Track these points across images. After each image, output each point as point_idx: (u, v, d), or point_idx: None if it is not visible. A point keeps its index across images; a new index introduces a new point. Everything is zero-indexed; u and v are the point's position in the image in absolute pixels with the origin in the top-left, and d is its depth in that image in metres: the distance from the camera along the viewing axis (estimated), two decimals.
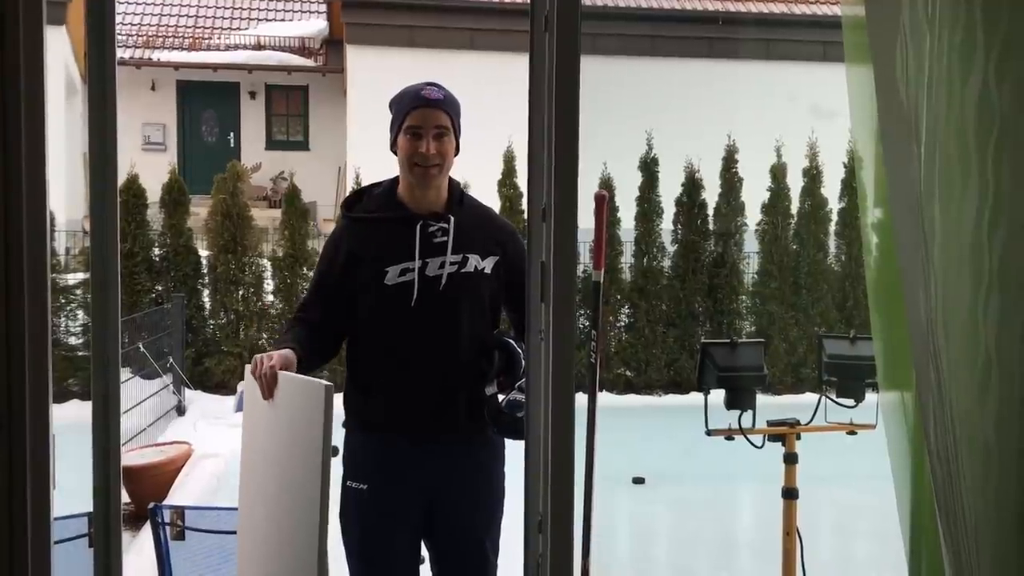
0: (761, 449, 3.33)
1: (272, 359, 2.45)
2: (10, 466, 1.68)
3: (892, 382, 1.96)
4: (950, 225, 1.53)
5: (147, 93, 17.27)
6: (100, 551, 1.94)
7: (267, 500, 2.56)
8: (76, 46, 13.56)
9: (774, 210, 10.46)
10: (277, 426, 2.51)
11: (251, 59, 17.30)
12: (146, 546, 3.86)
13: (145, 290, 9.65)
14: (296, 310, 2.81)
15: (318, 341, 2.62)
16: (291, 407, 2.45)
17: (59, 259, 9.78)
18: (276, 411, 2.49)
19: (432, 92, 2.58)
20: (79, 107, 13.45)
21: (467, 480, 2.64)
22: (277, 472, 2.51)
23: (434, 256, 2.56)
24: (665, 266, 10.40)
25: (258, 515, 2.60)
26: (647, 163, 10.33)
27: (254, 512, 2.62)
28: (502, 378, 2.58)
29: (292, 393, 2.44)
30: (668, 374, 10.17)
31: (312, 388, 2.33)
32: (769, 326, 10.31)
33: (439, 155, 2.56)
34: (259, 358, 2.47)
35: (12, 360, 1.67)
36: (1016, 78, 1.46)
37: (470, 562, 2.67)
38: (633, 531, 6.77)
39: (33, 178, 1.67)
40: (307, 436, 2.33)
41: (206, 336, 9.77)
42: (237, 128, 18.08)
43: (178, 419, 8.41)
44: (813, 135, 10.44)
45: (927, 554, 1.86)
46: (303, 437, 2.36)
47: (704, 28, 15.91)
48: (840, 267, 10.57)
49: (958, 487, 1.57)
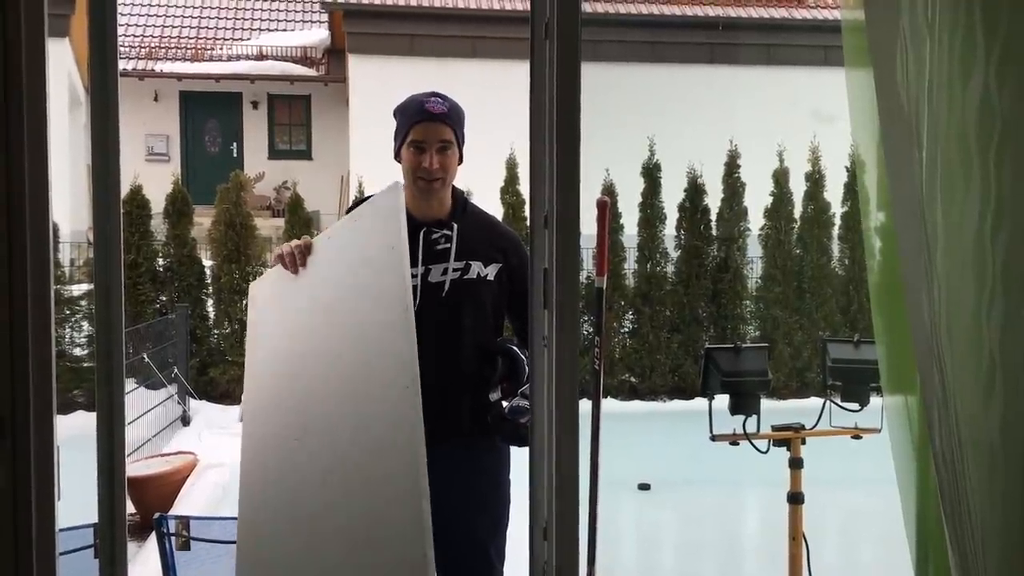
0: (766, 454, 3.33)
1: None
2: (14, 477, 1.68)
3: (896, 386, 1.96)
4: (952, 228, 1.53)
5: (150, 104, 17.32)
6: (105, 562, 1.94)
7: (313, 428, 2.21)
8: (79, 58, 13.61)
9: (777, 214, 10.46)
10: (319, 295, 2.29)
11: (253, 69, 17.35)
12: (151, 556, 3.87)
13: (149, 300, 9.67)
14: None
15: None
16: (341, 254, 2.27)
17: (64, 270, 9.81)
18: (306, 284, 2.32)
19: (436, 105, 2.58)
20: (83, 118, 13.48)
21: (472, 486, 2.64)
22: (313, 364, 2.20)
23: (437, 263, 2.57)
24: (668, 271, 10.40)
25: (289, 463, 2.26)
26: (649, 169, 10.34)
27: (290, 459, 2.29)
28: (506, 384, 2.59)
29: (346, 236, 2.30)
30: (672, 379, 10.16)
31: (384, 194, 2.17)
32: (773, 331, 10.30)
33: (442, 169, 2.57)
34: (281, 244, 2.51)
35: (16, 371, 1.67)
36: (1017, 81, 1.46)
37: (475, 568, 2.66)
38: (639, 537, 6.75)
39: (36, 189, 1.68)
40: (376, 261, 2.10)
41: (210, 346, 9.77)
42: (240, 138, 18.12)
43: (183, 429, 8.41)
44: (815, 139, 10.44)
45: (933, 558, 1.85)
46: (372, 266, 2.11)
47: (705, 34, 15.93)
48: (843, 271, 10.56)
49: (963, 490, 1.57)
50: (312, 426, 2.29)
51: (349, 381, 2.22)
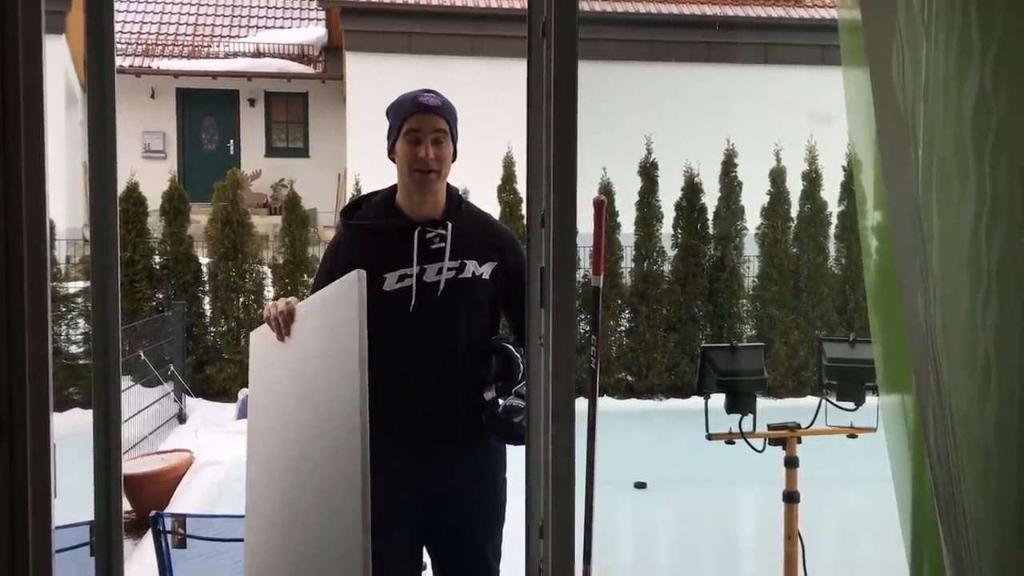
0: (762, 453, 3.33)
1: (287, 300, 2.57)
2: (11, 475, 1.68)
3: (892, 385, 1.96)
4: (948, 228, 1.53)
5: (147, 101, 17.29)
6: (101, 560, 1.94)
7: (289, 470, 2.54)
8: (76, 55, 13.57)
9: (774, 214, 10.46)
10: (299, 364, 2.52)
11: (250, 66, 17.32)
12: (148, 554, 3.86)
13: (146, 298, 9.66)
14: None
15: None
16: (316, 327, 2.46)
17: (60, 268, 9.78)
18: (292, 352, 2.52)
19: (429, 98, 2.59)
20: (79, 115, 13.45)
21: (468, 485, 2.64)
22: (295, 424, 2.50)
23: (432, 262, 2.57)
24: (665, 270, 10.40)
25: (274, 496, 2.59)
26: (646, 168, 10.34)
27: (271, 493, 2.61)
28: (500, 383, 2.59)
29: (315, 313, 2.48)
30: (669, 378, 10.17)
31: (343, 284, 2.35)
32: (769, 330, 10.31)
33: (437, 160, 2.57)
34: (272, 303, 2.59)
35: (13, 368, 1.67)
36: (1013, 81, 1.46)
37: (472, 567, 2.67)
38: (635, 536, 6.76)
39: (33, 186, 1.68)
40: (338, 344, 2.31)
41: (207, 344, 9.76)
42: (237, 135, 18.10)
43: (179, 427, 8.40)
44: (812, 138, 10.44)
45: (928, 557, 1.86)
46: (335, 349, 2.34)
47: (702, 33, 15.93)
48: (840, 270, 10.57)
49: (959, 489, 1.57)
50: (288, 462, 2.58)
51: (310, 428, 2.49)
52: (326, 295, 2.46)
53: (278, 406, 2.62)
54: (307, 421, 2.48)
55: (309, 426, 2.47)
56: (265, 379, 2.69)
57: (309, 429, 2.46)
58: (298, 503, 2.48)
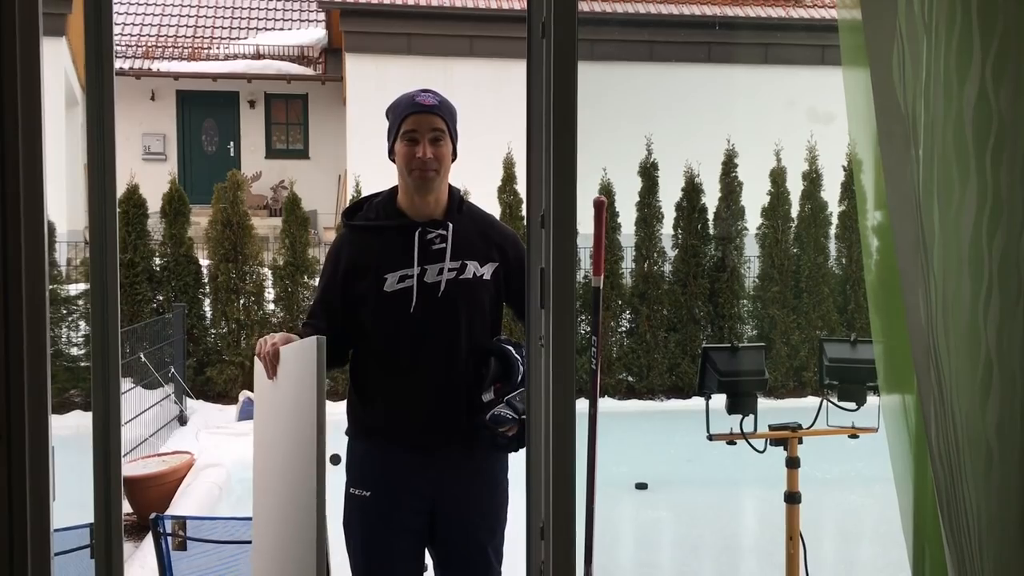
0: (763, 453, 3.33)
1: (274, 338, 2.56)
2: (9, 478, 1.67)
3: (893, 385, 1.96)
4: (949, 227, 1.53)
5: (147, 103, 17.31)
6: (101, 562, 1.94)
7: (273, 492, 2.59)
8: (76, 57, 13.58)
9: (774, 214, 10.46)
10: (281, 404, 2.55)
11: (250, 68, 17.33)
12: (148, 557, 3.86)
13: (146, 300, 9.65)
14: (307, 318, 2.81)
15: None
16: (291, 377, 2.49)
17: (60, 270, 9.78)
18: (279, 390, 2.55)
19: (427, 98, 2.59)
20: (80, 117, 13.47)
21: (469, 486, 2.64)
22: (280, 453, 2.56)
23: (432, 263, 2.57)
24: (666, 271, 10.39)
25: (267, 510, 2.65)
26: (647, 168, 10.34)
27: (266, 506, 2.66)
28: (500, 385, 2.58)
29: (291, 361, 2.51)
30: (670, 379, 10.16)
31: (305, 346, 2.38)
32: (770, 330, 10.30)
33: (435, 159, 2.57)
34: (262, 339, 2.59)
35: (11, 371, 1.66)
36: (1013, 80, 1.46)
37: (473, 568, 2.66)
38: (636, 537, 6.75)
39: (31, 188, 1.67)
40: (303, 401, 2.37)
41: (207, 345, 9.76)
42: (237, 137, 18.11)
43: (180, 429, 8.40)
44: (812, 138, 10.44)
45: (930, 556, 1.85)
46: (302, 405, 2.39)
47: (702, 33, 15.93)
48: (841, 270, 10.56)
49: (960, 489, 1.57)
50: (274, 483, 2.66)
51: (282, 466, 2.58)
52: (303, 347, 2.47)
53: (271, 428, 2.67)
54: (282, 455, 2.54)
55: (282, 463, 2.54)
56: (263, 397, 2.73)
57: (281, 467, 2.54)
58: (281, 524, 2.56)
